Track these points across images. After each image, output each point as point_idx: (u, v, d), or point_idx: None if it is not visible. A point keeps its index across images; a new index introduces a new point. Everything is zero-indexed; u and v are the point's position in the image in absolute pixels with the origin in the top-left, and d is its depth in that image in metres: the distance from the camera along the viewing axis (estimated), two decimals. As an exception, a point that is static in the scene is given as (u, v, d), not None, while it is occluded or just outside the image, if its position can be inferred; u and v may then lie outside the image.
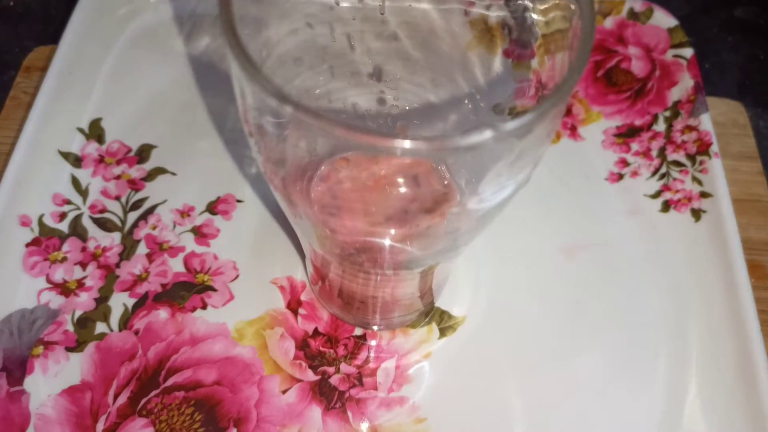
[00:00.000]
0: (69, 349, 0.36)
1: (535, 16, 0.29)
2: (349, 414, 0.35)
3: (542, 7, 0.28)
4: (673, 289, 0.39)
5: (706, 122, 0.42)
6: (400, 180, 0.21)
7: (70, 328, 0.37)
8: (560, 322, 0.38)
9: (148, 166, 0.42)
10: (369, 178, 0.21)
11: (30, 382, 0.35)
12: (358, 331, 0.37)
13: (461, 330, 0.38)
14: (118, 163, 0.42)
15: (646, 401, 0.36)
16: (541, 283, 0.39)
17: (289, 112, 0.18)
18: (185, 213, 0.41)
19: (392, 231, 0.23)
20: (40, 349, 0.36)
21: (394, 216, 0.22)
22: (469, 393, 0.36)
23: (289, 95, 0.18)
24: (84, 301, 0.37)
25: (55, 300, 0.37)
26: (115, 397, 0.35)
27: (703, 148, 0.42)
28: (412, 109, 0.32)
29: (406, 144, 0.17)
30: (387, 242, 0.25)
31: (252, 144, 0.26)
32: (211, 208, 0.41)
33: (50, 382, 0.35)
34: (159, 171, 0.42)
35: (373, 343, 0.37)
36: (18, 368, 0.35)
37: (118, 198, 0.41)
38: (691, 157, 0.42)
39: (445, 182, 0.20)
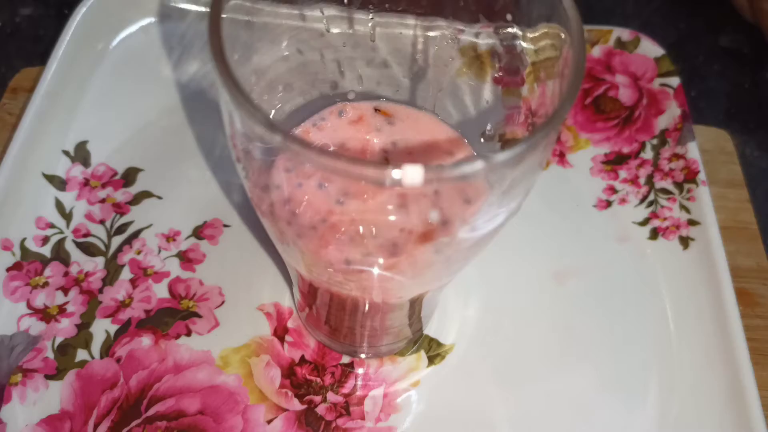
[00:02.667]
0: (48, 377, 0.35)
1: (524, 44, 0.30)
2: (336, 444, 0.34)
3: (532, 35, 0.28)
4: (662, 316, 0.39)
5: (693, 150, 0.43)
6: (390, 208, 0.20)
7: (50, 355, 0.36)
8: (550, 348, 0.38)
9: (134, 189, 0.41)
10: (359, 207, 0.20)
11: (7, 411, 0.34)
12: (345, 359, 0.37)
13: (450, 357, 0.37)
14: (104, 186, 0.41)
15: (635, 427, 0.35)
16: (530, 309, 0.39)
17: (278, 140, 0.18)
18: (171, 237, 0.40)
19: (381, 260, 0.23)
20: (18, 377, 0.35)
21: (384, 245, 0.22)
22: (458, 421, 0.35)
23: (277, 124, 0.18)
24: (65, 327, 0.37)
25: (35, 326, 0.36)
26: (95, 426, 0.34)
27: (691, 176, 0.42)
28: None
29: (397, 174, 0.17)
30: (376, 270, 0.24)
31: (239, 169, 0.26)
32: (198, 233, 0.40)
33: (28, 411, 0.34)
34: (145, 195, 0.41)
35: (360, 371, 0.37)
36: (-5, 397, 0.34)
37: (102, 222, 0.40)
38: (679, 185, 0.42)
39: (436, 211, 0.20)
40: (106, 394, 0.35)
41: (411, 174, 0.17)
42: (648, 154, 0.44)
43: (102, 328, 0.37)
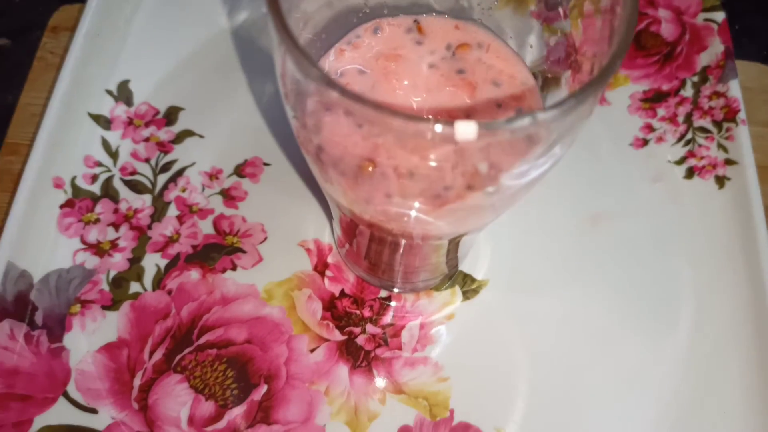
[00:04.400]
0: (105, 308, 0.37)
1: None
2: (375, 372, 0.36)
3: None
4: (694, 255, 0.39)
5: (734, 88, 0.42)
6: (439, 158, 0.21)
7: (106, 287, 0.38)
8: (581, 286, 0.39)
9: (176, 128, 0.42)
10: (407, 156, 0.21)
11: (69, 339, 0.36)
12: (383, 293, 0.38)
13: (484, 293, 0.39)
14: (147, 125, 0.42)
15: (665, 368, 0.37)
16: (562, 248, 0.40)
17: (333, 96, 0.18)
18: (213, 176, 0.41)
19: (425, 206, 0.24)
20: (77, 308, 0.37)
21: (429, 192, 0.23)
22: (490, 354, 0.37)
23: (329, 77, 0.18)
24: (118, 261, 0.39)
25: (90, 260, 0.38)
26: (151, 353, 0.36)
27: (731, 115, 0.42)
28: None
29: (447, 129, 0.18)
30: (419, 215, 0.25)
31: (288, 109, 0.26)
32: (239, 171, 0.41)
33: (88, 339, 0.36)
34: (187, 133, 0.42)
35: (397, 304, 0.38)
36: (57, 326, 0.36)
37: (147, 160, 0.41)
38: (718, 124, 0.42)
39: (485, 163, 0.20)
40: (159, 324, 0.37)
41: (463, 129, 0.18)
42: (688, 91, 0.43)
43: (152, 262, 0.39)
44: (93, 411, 0.35)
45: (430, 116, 0.29)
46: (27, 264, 0.37)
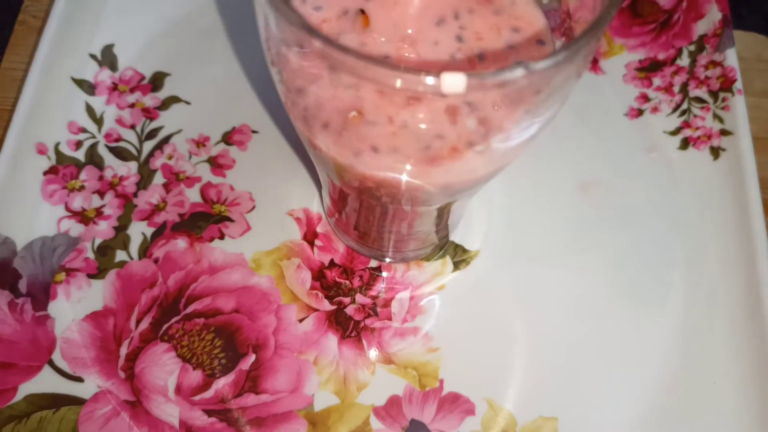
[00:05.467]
0: (90, 276, 0.37)
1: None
2: (364, 343, 0.36)
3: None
4: (687, 226, 0.39)
5: (731, 58, 0.41)
6: (425, 116, 0.20)
7: (91, 255, 0.37)
8: (572, 256, 0.39)
9: (161, 94, 0.41)
10: (396, 113, 0.20)
11: (54, 307, 0.36)
12: (373, 263, 0.38)
13: (474, 264, 0.38)
14: (132, 91, 0.41)
15: (656, 336, 0.37)
16: (555, 218, 0.40)
17: (317, 46, 0.17)
18: (200, 143, 0.40)
19: (414, 168, 0.23)
20: (62, 276, 0.37)
21: (418, 152, 0.22)
22: (480, 325, 0.37)
23: (317, 29, 0.17)
24: (103, 229, 0.38)
25: (74, 228, 0.38)
26: (137, 322, 0.36)
27: (727, 84, 0.41)
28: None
29: (436, 81, 0.17)
30: (407, 178, 0.25)
31: (273, 73, 0.26)
32: (227, 139, 0.41)
33: (74, 307, 0.36)
34: (173, 99, 0.41)
35: (387, 274, 0.38)
36: (42, 294, 0.36)
37: (133, 127, 0.41)
38: (714, 94, 0.42)
39: (472, 119, 0.20)
40: (146, 292, 0.37)
41: (451, 81, 0.17)
42: (684, 60, 0.43)
43: (138, 230, 0.38)
44: (79, 379, 0.34)
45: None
46: (10, 231, 0.36)
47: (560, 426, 0.35)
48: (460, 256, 0.39)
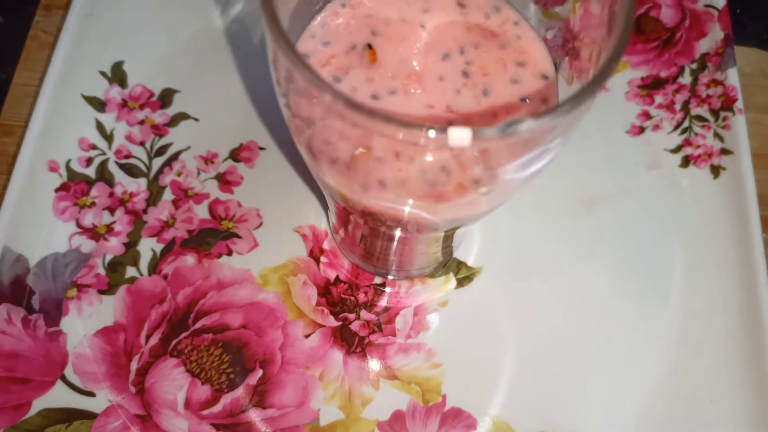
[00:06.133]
0: (101, 292, 0.38)
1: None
2: (369, 358, 0.37)
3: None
4: (688, 243, 0.40)
5: (732, 77, 0.42)
6: (434, 161, 0.21)
7: (102, 271, 0.38)
8: (575, 272, 0.39)
9: (170, 111, 0.42)
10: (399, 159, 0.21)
11: (66, 323, 0.37)
12: (377, 280, 0.39)
13: (477, 280, 0.39)
14: (141, 107, 0.42)
15: (657, 354, 0.37)
16: (558, 234, 0.40)
17: (327, 100, 0.18)
18: (209, 160, 0.41)
19: (419, 204, 0.24)
20: (73, 292, 0.37)
21: (423, 192, 0.23)
22: (483, 340, 0.38)
23: (327, 82, 0.18)
24: (114, 245, 0.39)
25: (85, 244, 0.39)
26: (147, 338, 0.37)
27: (728, 103, 0.42)
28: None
29: (440, 135, 0.18)
30: (413, 211, 0.25)
31: (279, 96, 0.26)
32: (234, 155, 0.41)
33: (85, 323, 0.37)
34: (182, 116, 0.42)
35: (392, 291, 0.39)
36: (54, 310, 0.37)
37: (142, 143, 0.41)
38: (715, 113, 0.42)
39: (480, 166, 0.20)
40: (155, 308, 0.37)
41: (457, 136, 0.18)
42: (686, 79, 0.43)
43: (148, 246, 0.39)
44: (91, 394, 0.35)
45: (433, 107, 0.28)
46: (23, 248, 0.37)
47: (560, 441, 0.35)
48: (463, 273, 0.39)
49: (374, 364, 0.37)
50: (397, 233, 0.33)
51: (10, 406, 0.34)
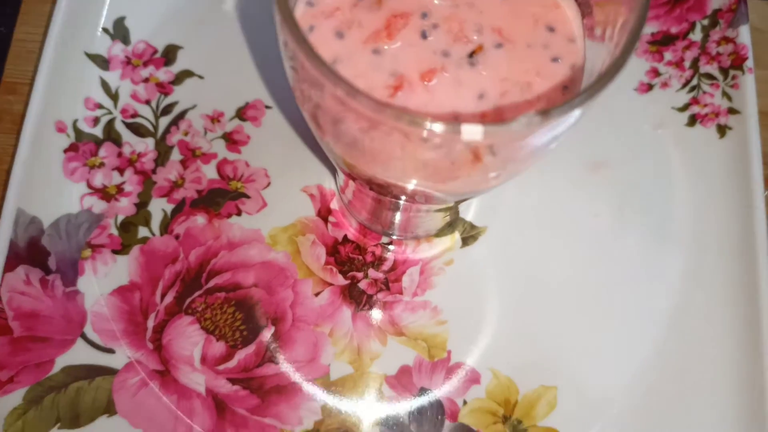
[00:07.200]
0: (115, 252, 0.38)
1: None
2: (377, 316, 0.38)
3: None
4: (692, 202, 0.40)
5: (744, 34, 0.41)
6: (441, 143, 0.21)
7: (114, 232, 0.39)
8: (579, 232, 0.40)
9: (175, 68, 0.42)
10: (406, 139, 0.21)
11: (83, 283, 0.38)
12: (384, 239, 0.39)
13: (482, 239, 0.40)
14: (145, 64, 0.42)
15: (656, 309, 0.38)
16: (561, 194, 0.41)
17: (341, 94, 0.18)
18: (215, 119, 0.41)
19: (425, 182, 0.24)
20: (88, 252, 0.38)
21: (430, 171, 0.23)
22: (488, 298, 0.39)
23: (333, 71, 0.18)
24: (125, 206, 0.39)
25: (97, 205, 0.39)
26: (162, 296, 0.38)
27: (738, 62, 0.41)
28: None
29: (453, 129, 0.18)
30: (418, 188, 0.26)
31: (285, 58, 0.25)
32: (240, 114, 0.41)
33: (101, 282, 0.38)
34: (186, 74, 0.42)
35: (398, 250, 0.39)
36: (70, 270, 0.38)
37: (148, 102, 0.41)
38: (724, 71, 0.42)
39: (490, 155, 0.21)
40: (168, 267, 0.38)
41: (469, 131, 0.18)
42: (697, 35, 0.43)
43: (159, 207, 0.39)
44: (110, 351, 0.37)
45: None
46: (36, 210, 0.38)
47: (559, 394, 0.37)
48: (468, 232, 0.40)
49: (382, 322, 0.38)
50: (403, 204, 0.33)
51: (33, 364, 0.36)
